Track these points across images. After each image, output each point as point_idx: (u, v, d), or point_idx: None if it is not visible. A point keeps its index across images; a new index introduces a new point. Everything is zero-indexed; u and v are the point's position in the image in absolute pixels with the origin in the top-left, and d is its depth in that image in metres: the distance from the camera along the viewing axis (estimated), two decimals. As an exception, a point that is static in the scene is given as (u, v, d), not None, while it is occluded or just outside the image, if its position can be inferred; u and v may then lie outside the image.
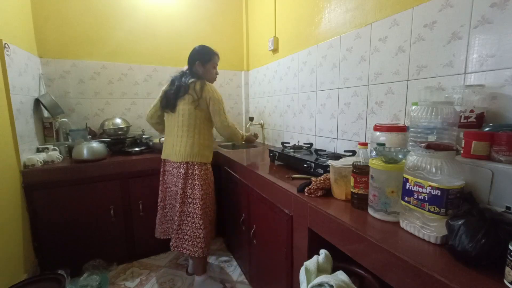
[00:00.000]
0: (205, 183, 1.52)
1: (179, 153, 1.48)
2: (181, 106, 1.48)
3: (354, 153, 1.29)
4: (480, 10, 0.86)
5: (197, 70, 1.54)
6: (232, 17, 2.65)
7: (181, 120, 1.48)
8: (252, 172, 1.45)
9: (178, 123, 1.49)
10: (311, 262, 0.81)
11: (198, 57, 1.53)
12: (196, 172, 1.48)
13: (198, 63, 1.53)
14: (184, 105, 1.47)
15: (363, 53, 1.31)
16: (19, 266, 1.46)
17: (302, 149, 1.53)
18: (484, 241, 0.53)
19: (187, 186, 1.49)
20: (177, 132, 1.50)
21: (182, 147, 1.48)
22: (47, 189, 1.59)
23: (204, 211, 1.50)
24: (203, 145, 1.50)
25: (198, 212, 1.48)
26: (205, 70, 1.56)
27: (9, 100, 1.47)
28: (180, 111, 1.48)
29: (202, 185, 1.49)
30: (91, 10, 2.07)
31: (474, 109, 0.82)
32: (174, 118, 1.51)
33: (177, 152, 1.49)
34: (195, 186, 1.48)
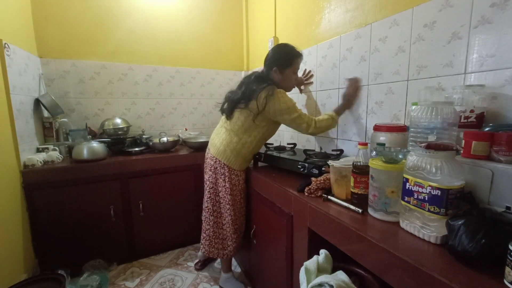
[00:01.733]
0: (235, 187, 1.42)
1: (215, 146, 1.45)
2: (237, 115, 1.37)
3: (342, 151, 1.30)
4: (480, 10, 0.86)
5: (273, 77, 1.37)
6: (232, 17, 2.65)
7: (234, 124, 1.38)
8: (252, 172, 1.45)
9: (232, 126, 1.39)
10: (311, 262, 0.81)
11: (276, 62, 1.35)
12: (226, 173, 1.41)
13: (275, 70, 1.35)
14: (240, 114, 1.35)
15: (363, 53, 1.31)
16: (19, 266, 1.46)
17: (286, 150, 1.52)
18: (484, 241, 0.53)
19: (219, 185, 1.44)
20: (223, 127, 1.45)
21: (219, 142, 1.42)
22: (47, 189, 1.59)
23: (236, 217, 1.44)
24: (236, 151, 1.38)
25: (230, 218, 1.43)
26: (283, 77, 1.37)
27: (9, 100, 1.47)
28: (234, 118, 1.38)
29: (231, 189, 1.41)
30: (91, 10, 2.07)
31: (474, 109, 0.82)
32: (227, 121, 1.43)
33: (214, 144, 1.46)
34: (226, 190, 1.42)
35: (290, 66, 1.36)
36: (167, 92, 2.45)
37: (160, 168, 1.90)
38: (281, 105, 1.27)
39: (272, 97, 1.27)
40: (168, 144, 2.03)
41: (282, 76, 1.37)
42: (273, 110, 1.28)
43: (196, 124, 2.61)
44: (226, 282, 1.64)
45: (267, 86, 1.29)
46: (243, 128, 1.36)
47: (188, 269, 1.84)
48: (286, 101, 1.28)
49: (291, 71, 1.38)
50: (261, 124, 1.35)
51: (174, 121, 2.51)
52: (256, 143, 1.40)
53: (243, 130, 1.36)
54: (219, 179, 1.44)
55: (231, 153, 1.39)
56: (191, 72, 2.52)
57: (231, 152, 1.39)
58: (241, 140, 1.37)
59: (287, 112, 1.28)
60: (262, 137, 1.40)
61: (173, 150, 2.11)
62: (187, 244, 2.13)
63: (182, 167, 1.97)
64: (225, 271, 1.65)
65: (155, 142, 2.02)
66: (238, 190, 1.44)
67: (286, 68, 1.36)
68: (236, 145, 1.38)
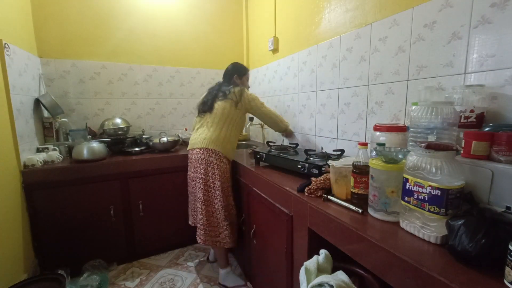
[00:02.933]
0: (223, 175, 1.55)
1: (203, 140, 1.56)
2: (218, 105, 1.60)
3: (343, 152, 1.30)
4: (480, 10, 0.86)
5: (234, 82, 1.74)
6: (232, 17, 2.65)
7: (215, 115, 1.58)
8: (251, 172, 1.45)
9: (212, 118, 1.59)
10: (311, 262, 0.81)
11: (235, 71, 1.75)
12: (214, 161, 1.53)
13: (236, 76, 1.74)
14: (222, 104, 1.58)
15: (363, 53, 1.31)
16: (19, 266, 1.46)
17: (287, 149, 1.53)
18: (484, 241, 0.53)
19: (208, 174, 1.54)
20: (208, 124, 1.60)
21: (208, 135, 1.56)
22: (47, 189, 1.59)
23: (226, 203, 1.55)
24: (227, 139, 1.57)
25: (220, 204, 1.53)
26: (241, 82, 1.77)
27: (9, 100, 1.47)
28: (216, 110, 1.59)
29: (220, 176, 1.53)
30: (91, 10, 2.07)
31: (474, 109, 0.82)
32: (209, 116, 1.61)
33: (202, 139, 1.57)
34: (215, 176, 1.52)
35: (245, 75, 1.79)
36: (167, 92, 2.45)
37: (160, 168, 1.90)
38: (253, 96, 1.67)
39: (244, 90, 1.64)
40: (168, 144, 2.03)
41: (240, 81, 1.76)
42: (248, 98, 1.62)
43: (196, 124, 2.60)
44: (226, 278, 1.66)
45: (236, 86, 1.68)
46: (229, 118, 1.58)
47: (188, 269, 1.84)
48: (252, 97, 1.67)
49: (245, 78, 1.80)
50: (240, 112, 1.62)
51: (174, 121, 2.51)
52: (239, 130, 1.66)
53: (229, 120, 1.58)
54: (209, 169, 1.54)
55: (222, 141, 1.56)
56: (191, 72, 2.52)
57: (222, 140, 1.56)
58: (228, 129, 1.58)
59: (256, 99, 1.67)
60: (240, 122, 1.65)
61: (173, 150, 2.11)
62: (187, 244, 2.13)
63: (182, 167, 1.96)
64: (223, 266, 1.67)
65: (155, 142, 2.02)
66: (226, 177, 1.57)
67: (243, 76, 1.77)
68: (225, 133, 1.57)
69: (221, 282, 1.67)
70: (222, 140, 1.55)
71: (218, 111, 1.58)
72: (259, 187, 1.37)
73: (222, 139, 1.55)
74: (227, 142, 1.57)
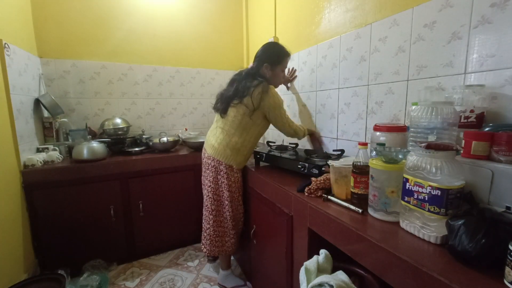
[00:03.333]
0: (234, 184, 1.45)
1: (212, 146, 1.45)
2: (232, 112, 1.38)
3: (343, 152, 1.30)
4: (480, 10, 0.86)
5: (264, 73, 1.42)
6: (232, 17, 2.65)
7: (227, 121, 1.41)
8: (251, 172, 1.45)
9: (225, 123, 1.42)
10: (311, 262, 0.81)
11: (267, 58, 1.41)
12: (224, 170, 1.42)
13: (266, 66, 1.41)
14: (237, 112, 1.36)
15: (363, 53, 1.31)
16: (19, 266, 1.46)
17: (287, 150, 1.52)
18: (484, 241, 0.53)
19: (218, 183, 1.45)
20: (219, 127, 1.45)
21: (218, 142, 1.43)
22: (47, 189, 1.59)
23: (235, 213, 1.48)
24: (237, 151, 1.41)
25: (229, 214, 1.47)
26: (273, 73, 1.44)
27: (9, 100, 1.47)
28: (230, 117, 1.39)
29: (229, 185, 1.43)
30: (91, 10, 2.07)
31: (474, 109, 0.82)
32: (222, 119, 1.45)
33: (212, 145, 1.45)
34: (224, 186, 1.44)
35: (280, 64, 1.43)
36: (167, 92, 2.45)
37: (160, 168, 1.90)
38: (275, 101, 1.35)
39: (267, 93, 1.32)
40: (168, 144, 2.03)
41: (272, 73, 1.43)
42: (268, 105, 1.33)
43: (196, 124, 2.61)
44: (226, 279, 1.65)
45: (260, 83, 1.33)
46: (241, 126, 1.37)
47: (188, 269, 1.84)
48: (279, 99, 1.37)
49: (280, 68, 1.45)
50: (257, 121, 1.39)
51: (174, 121, 2.51)
52: (254, 140, 1.45)
53: (242, 128, 1.38)
54: (219, 177, 1.45)
55: (231, 152, 1.40)
56: (191, 72, 2.52)
57: (231, 151, 1.40)
58: (240, 139, 1.39)
59: (278, 108, 1.36)
60: (259, 134, 1.45)
61: (173, 150, 2.11)
62: (187, 244, 2.13)
63: (182, 167, 1.97)
64: (224, 268, 1.66)
65: (155, 142, 2.02)
66: (237, 187, 1.46)
67: (277, 65, 1.42)
68: (236, 145, 1.40)
69: (220, 283, 1.67)
70: (231, 151, 1.40)
71: (230, 117, 1.39)
72: (259, 187, 1.37)
73: (231, 150, 1.40)
74: (237, 154, 1.41)
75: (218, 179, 1.45)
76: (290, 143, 1.68)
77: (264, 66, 1.41)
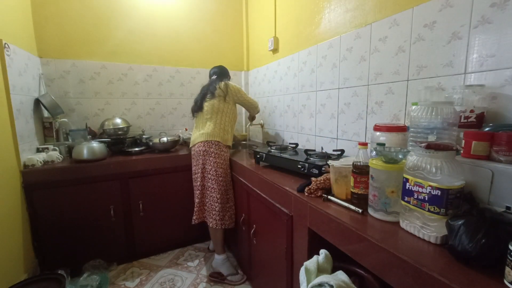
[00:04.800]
0: (223, 162, 1.68)
1: (202, 135, 1.70)
2: (207, 105, 1.74)
3: (343, 152, 1.30)
4: (480, 10, 0.86)
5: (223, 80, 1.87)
6: (232, 17, 2.65)
7: (206, 112, 1.73)
8: (252, 172, 1.45)
9: (205, 115, 1.74)
10: (311, 262, 0.81)
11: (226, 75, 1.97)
12: (213, 150, 1.66)
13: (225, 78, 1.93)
14: (211, 102, 1.73)
15: (363, 53, 1.31)
16: (19, 266, 1.46)
17: (288, 149, 1.52)
18: (484, 241, 0.53)
19: (206, 162, 1.67)
20: (203, 121, 1.75)
21: (205, 130, 1.70)
22: (47, 189, 1.59)
23: (221, 187, 1.67)
24: (223, 129, 1.71)
25: (216, 187, 1.66)
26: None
27: (9, 100, 1.47)
28: (206, 107, 1.74)
29: (218, 163, 1.65)
30: (91, 10, 2.07)
31: (474, 109, 0.82)
32: (201, 115, 1.77)
33: (201, 134, 1.70)
34: (212, 163, 1.65)
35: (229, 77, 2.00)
36: (167, 92, 2.45)
37: (160, 168, 1.90)
38: (236, 87, 1.81)
39: (228, 84, 1.78)
40: (168, 144, 2.03)
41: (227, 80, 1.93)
42: (233, 90, 1.77)
43: (196, 124, 2.60)
44: (222, 265, 1.70)
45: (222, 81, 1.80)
46: (219, 110, 1.72)
47: (188, 269, 1.84)
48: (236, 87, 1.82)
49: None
50: (230, 103, 1.77)
51: (174, 121, 2.51)
52: (232, 118, 1.80)
53: (220, 112, 1.72)
54: (210, 158, 1.66)
55: (219, 132, 1.70)
56: (191, 72, 2.52)
57: (219, 131, 1.70)
58: (222, 120, 1.73)
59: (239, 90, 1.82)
60: (233, 114, 1.81)
61: (173, 150, 2.11)
62: (187, 244, 2.13)
63: (182, 167, 1.97)
64: (220, 251, 1.72)
65: (155, 142, 2.02)
66: (226, 164, 1.71)
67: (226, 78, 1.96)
68: (220, 125, 1.71)
69: (215, 268, 1.71)
70: (218, 131, 1.69)
71: (208, 108, 1.73)
72: (259, 187, 1.37)
73: (218, 130, 1.69)
74: (224, 132, 1.72)
75: (207, 159, 1.67)
76: (290, 143, 1.68)
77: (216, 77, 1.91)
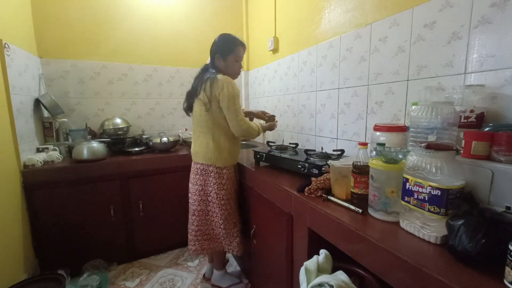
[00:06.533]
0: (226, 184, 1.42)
1: (196, 153, 1.44)
2: (195, 107, 1.41)
3: (343, 152, 1.29)
4: (480, 10, 0.86)
5: (218, 65, 1.41)
6: (232, 17, 2.65)
7: (197, 121, 1.42)
8: (252, 172, 1.45)
9: (196, 124, 1.45)
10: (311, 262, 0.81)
11: (217, 49, 1.39)
12: (212, 174, 1.41)
13: (218, 57, 1.39)
14: (197, 106, 1.38)
15: (363, 53, 1.31)
16: (19, 266, 1.46)
17: (288, 149, 1.52)
18: (484, 241, 0.53)
19: (206, 184, 1.43)
20: (195, 132, 1.46)
21: (197, 147, 1.43)
22: (47, 189, 1.59)
23: (225, 212, 1.43)
24: (218, 148, 1.39)
25: (218, 212, 1.42)
26: (226, 64, 1.41)
27: (9, 100, 1.47)
28: (195, 112, 1.42)
29: (219, 185, 1.41)
30: (91, 10, 2.07)
31: (474, 109, 0.82)
32: (193, 119, 1.47)
33: (195, 152, 1.45)
34: (214, 186, 1.41)
35: (232, 53, 1.40)
36: (167, 92, 2.45)
37: (160, 168, 1.90)
38: (225, 90, 1.29)
39: (216, 82, 1.30)
40: (168, 144, 2.03)
41: (225, 63, 1.40)
42: (218, 93, 1.29)
43: (196, 124, 2.60)
44: (220, 279, 1.64)
45: (210, 75, 1.33)
46: (210, 123, 1.36)
47: (188, 269, 1.84)
48: (233, 88, 1.31)
49: (233, 58, 1.41)
50: (218, 115, 1.35)
51: (174, 121, 2.51)
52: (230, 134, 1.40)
53: (211, 125, 1.36)
54: (210, 179, 1.41)
55: (213, 152, 1.38)
56: (191, 72, 2.52)
57: (213, 151, 1.38)
58: (216, 136, 1.37)
59: (228, 98, 1.29)
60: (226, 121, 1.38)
61: (173, 150, 2.11)
62: (187, 244, 2.12)
63: (182, 167, 1.96)
64: (219, 268, 1.64)
65: (155, 142, 2.02)
66: (229, 186, 1.43)
67: (228, 54, 1.39)
68: (213, 143, 1.38)
69: (214, 283, 1.65)
70: (212, 154, 1.38)
71: (196, 115, 1.40)
72: (259, 187, 1.37)
73: (212, 150, 1.38)
74: (220, 152, 1.39)
75: (209, 180, 1.42)
76: (290, 143, 1.68)
77: (216, 57, 1.40)
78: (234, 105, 1.31)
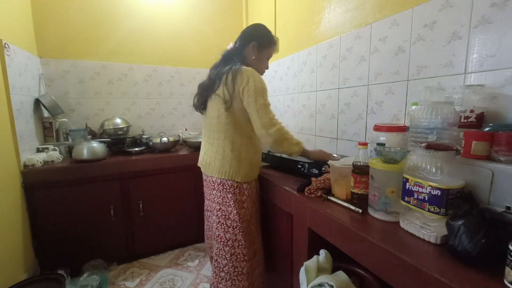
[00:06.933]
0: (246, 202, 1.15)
1: (209, 165, 1.16)
2: (210, 105, 1.14)
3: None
4: (480, 10, 0.86)
5: (248, 54, 1.16)
6: (232, 17, 2.64)
7: (209, 124, 1.15)
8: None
9: (209, 126, 1.16)
10: (311, 262, 0.81)
11: (256, 37, 1.16)
12: (230, 190, 1.13)
13: (254, 45, 1.15)
14: (214, 104, 1.11)
15: (363, 53, 1.31)
16: (19, 266, 1.46)
17: None
18: (484, 241, 0.53)
19: (225, 203, 1.14)
20: (208, 137, 1.19)
21: (210, 158, 1.15)
22: (47, 189, 1.59)
23: (248, 237, 1.14)
24: (239, 159, 1.11)
25: (241, 239, 1.12)
26: (259, 57, 1.18)
27: (9, 100, 1.47)
28: (209, 112, 1.14)
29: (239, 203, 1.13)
30: (91, 10, 2.07)
31: (474, 109, 0.82)
32: (205, 119, 1.20)
33: (207, 163, 1.17)
34: (233, 205, 1.12)
35: (269, 48, 1.20)
36: (167, 92, 2.45)
37: (160, 168, 1.90)
38: (251, 82, 1.03)
39: (241, 72, 1.04)
40: (168, 144, 2.03)
41: (258, 55, 1.17)
42: (243, 88, 1.03)
43: (196, 124, 2.60)
44: None
45: (234, 66, 1.07)
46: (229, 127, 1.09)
47: (188, 269, 1.84)
48: (259, 81, 1.05)
49: (267, 53, 1.21)
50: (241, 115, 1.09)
51: (174, 121, 2.51)
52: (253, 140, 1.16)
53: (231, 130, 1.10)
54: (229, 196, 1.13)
55: (230, 164, 1.10)
56: (191, 72, 2.52)
57: (230, 163, 1.10)
58: (235, 143, 1.10)
59: (255, 92, 1.02)
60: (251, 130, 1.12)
61: (173, 150, 2.11)
62: (187, 244, 2.13)
63: (182, 167, 1.96)
64: None
65: (155, 142, 2.02)
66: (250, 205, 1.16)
67: (265, 48, 1.19)
68: (232, 152, 1.10)
69: None
70: (230, 163, 1.10)
71: (211, 115, 1.13)
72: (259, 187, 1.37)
73: (229, 161, 1.10)
74: (239, 164, 1.11)
75: (228, 198, 1.13)
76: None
77: (251, 45, 1.15)
78: (263, 100, 1.04)
